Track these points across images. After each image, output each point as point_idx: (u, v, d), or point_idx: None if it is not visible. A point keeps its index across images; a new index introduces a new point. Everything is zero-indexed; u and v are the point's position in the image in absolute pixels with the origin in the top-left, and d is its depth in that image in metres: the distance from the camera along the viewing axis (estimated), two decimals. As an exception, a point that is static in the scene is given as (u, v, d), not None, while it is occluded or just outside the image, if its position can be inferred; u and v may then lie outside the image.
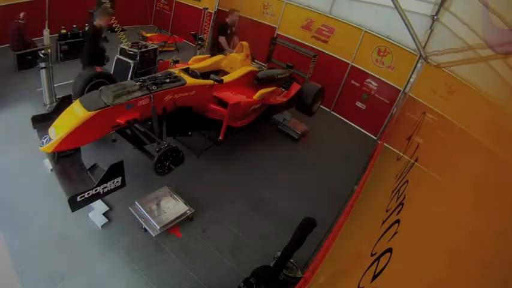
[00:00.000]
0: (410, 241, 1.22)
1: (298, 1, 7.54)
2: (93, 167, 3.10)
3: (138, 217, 3.46)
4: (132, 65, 5.58)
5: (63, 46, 6.61)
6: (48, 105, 4.99)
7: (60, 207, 3.52)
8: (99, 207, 3.57)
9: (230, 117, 4.19)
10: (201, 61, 4.76)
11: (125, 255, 3.20)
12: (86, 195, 2.76)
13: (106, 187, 2.87)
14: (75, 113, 2.97)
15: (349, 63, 6.93)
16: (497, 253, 0.71)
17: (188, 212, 3.66)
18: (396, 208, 1.61)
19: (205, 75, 4.33)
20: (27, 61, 5.78)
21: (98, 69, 3.97)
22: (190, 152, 4.70)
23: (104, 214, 3.52)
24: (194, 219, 3.74)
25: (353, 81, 6.96)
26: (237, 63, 4.85)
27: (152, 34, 8.43)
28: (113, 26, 5.63)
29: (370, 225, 2.03)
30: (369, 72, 6.68)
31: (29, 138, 4.36)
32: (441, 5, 4.98)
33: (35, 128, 3.31)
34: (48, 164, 3.99)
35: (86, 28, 5.21)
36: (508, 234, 0.70)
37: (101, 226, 3.41)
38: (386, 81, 6.46)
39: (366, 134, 6.90)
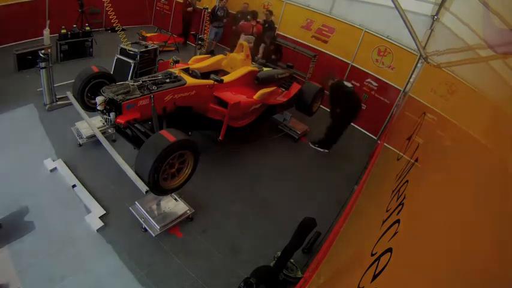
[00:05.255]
0: (410, 241, 1.22)
1: (298, 1, 7.54)
2: None
3: (138, 217, 3.46)
4: (132, 65, 5.58)
5: (63, 46, 6.60)
6: (48, 105, 5.00)
7: (61, 207, 3.53)
8: (96, 210, 3.55)
9: (230, 117, 4.19)
10: (201, 61, 4.76)
11: (125, 255, 3.20)
12: None
13: None
14: None
15: (349, 63, 6.93)
16: (497, 253, 0.71)
17: (188, 212, 3.66)
18: (396, 208, 1.61)
19: (205, 75, 4.33)
20: (27, 61, 5.77)
21: (96, 69, 3.97)
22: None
23: (100, 217, 3.49)
24: (194, 219, 3.74)
25: (353, 81, 6.95)
26: (237, 63, 4.85)
27: (152, 34, 8.43)
28: (114, 25, 5.63)
29: (370, 225, 2.03)
30: (369, 72, 6.67)
31: (29, 138, 4.37)
32: (441, 5, 4.98)
33: None
34: (48, 164, 4.00)
35: None
36: (507, 233, 0.70)
37: (97, 230, 3.37)
38: (387, 81, 6.45)
39: (366, 134, 6.89)
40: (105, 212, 3.56)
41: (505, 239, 0.69)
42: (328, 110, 5.57)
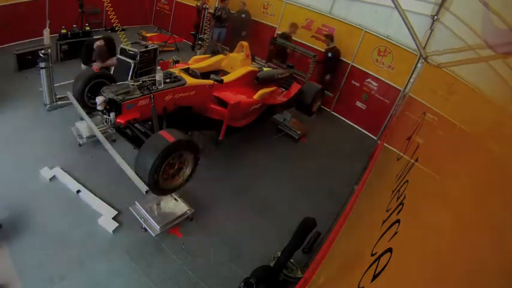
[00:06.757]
0: (410, 241, 1.22)
1: (298, 1, 7.54)
2: None
3: (138, 217, 3.46)
4: (132, 65, 5.58)
5: (63, 46, 6.60)
6: (48, 105, 5.00)
7: (60, 207, 3.53)
8: (107, 212, 3.55)
9: (230, 117, 4.19)
10: (201, 61, 4.76)
11: (125, 255, 3.20)
12: None
13: None
14: None
15: (349, 63, 6.93)
16: (497, 252, 0.71)
17: (188, 212, 3.66)
18: (396, 208, 1.61)
19: (205, 75, 4.33)
20: (27, 61, 5.77)
21: (97, 69, 3.97)
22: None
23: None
24: (194, 219, 3.74)
25: (353, 81, 6.96)
26: (237, 63, 4.85)
27: (152, 34, 8.43)
28: (114, 25, 5.63)
29: (370, 225, 2.03)
30: (369, 72, 6.67)
31: (29, 138, 4.37)
32: (441, 5, 4.98)
33: None
34: (47, 170, 4.00)
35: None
36: (507, 233, 0.70)
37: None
38: (387, 81, 6.45)
39: (366, 134, 6.89)
40: (117, 212, 3.59)
41: (505, 239, 0.69)
42: (328, 109, 5.56)
